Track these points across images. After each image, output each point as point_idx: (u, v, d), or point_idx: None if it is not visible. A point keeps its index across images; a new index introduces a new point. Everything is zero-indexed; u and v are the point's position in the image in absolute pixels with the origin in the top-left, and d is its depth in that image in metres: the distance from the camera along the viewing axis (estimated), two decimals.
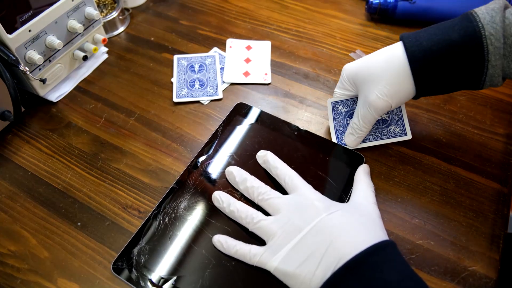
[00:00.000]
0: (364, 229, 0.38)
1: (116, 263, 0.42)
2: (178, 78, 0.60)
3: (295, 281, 0.37)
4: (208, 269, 0.41)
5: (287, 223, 0.40)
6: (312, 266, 0.36)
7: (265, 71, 0.61)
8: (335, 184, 0.47)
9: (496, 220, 0.44)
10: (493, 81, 0.41)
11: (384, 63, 0.44)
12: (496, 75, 0.41)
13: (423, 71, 0.42)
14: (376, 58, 0.45)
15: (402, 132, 0.50)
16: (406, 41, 0.43)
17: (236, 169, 0.47)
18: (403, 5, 0.64)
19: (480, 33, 0.39)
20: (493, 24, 0.39)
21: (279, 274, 0.38)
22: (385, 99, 0.44)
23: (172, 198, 0.46)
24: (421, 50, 0.41)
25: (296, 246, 0.38)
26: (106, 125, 0.55)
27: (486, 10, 0.40)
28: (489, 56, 0.40)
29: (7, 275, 0.43)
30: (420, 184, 0.48)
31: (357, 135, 0.48)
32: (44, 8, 0.51)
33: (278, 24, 0.68)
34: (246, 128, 0.53)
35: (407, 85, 0.43)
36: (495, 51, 0.39)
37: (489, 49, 0.39)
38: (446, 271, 0.41)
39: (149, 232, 0.43)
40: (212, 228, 0.44)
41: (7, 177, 0.50)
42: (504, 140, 0.51)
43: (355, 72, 0.46)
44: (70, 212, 0.47)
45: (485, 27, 0.39)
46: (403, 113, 0.50)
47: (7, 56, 0.49)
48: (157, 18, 0.70)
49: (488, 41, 0.39)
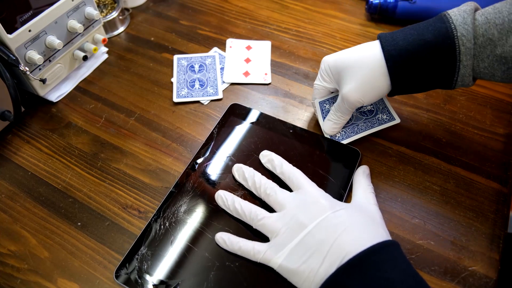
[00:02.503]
0: (367, 228, 0.38)
1: (119, 271, 0.41)
2: (178, 78, 0.60)
3: (298, 277, 0.37)
4: (212, 272, 0.41)
5: (292, 220, 0.40)
6: (316, 263, 0.36)
7: (265, 71, 0.61)
8: (334, 180, 0.47)
9: (496, 220, 0.44)
10: (464, 80, 0.43)
11: (361, 60, 0.45)
12: (467, 74, 0.42)
13: (399, 69, 0.43)
14: (353, 53, 0.46)
15: (390, 117, 0.51)
16: (383, 40, 0.44)
17: (244, 165, 0.48)
18: (403, 5, 0.64)
19: (453, 34, 0.41)
20: (465, 26, 0.40)
21: (283, 271, 0.39)
22: (357, 94, 0.45)
23: (171, 202, 0.46)
24: (396, 49, 0.43)
25: (301, 242, 0.38)
26: (106, 125, 0.55)
27: (458, 12, 0.42)
28: (460, 56, 0.41)
29: (7, 275, 0.43)
30: (420, 184, 0.48)
31: (333, 122, 0.50)
32: (44, 8, 0.51)
33: (278, 24, 0.68)
34: (242, 128, 0.52)
35: (381, 83, 0.44)
36: (466, 52, 0.41)
37: (461, 49, 0.41)
38: (446, 271, 0.41)
39: (150, 237, 0.43)
40: (213, 230, 0.44)
41: (7, 177, 0.50)
42: (504, 140, 0.51)
43: (333, 64, 0.47)
44: (70, 212, 0.47)
45: (457, 28, 0.40)
46: (385, 101, 0.52)
47: (7, 56, 0.49)
48: (157, 18, 0.70)
49: (460, 42, 0.40)
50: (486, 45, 0.40)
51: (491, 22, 0.40)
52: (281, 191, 0.43)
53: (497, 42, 0.40)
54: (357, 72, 0.45)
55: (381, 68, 0.44)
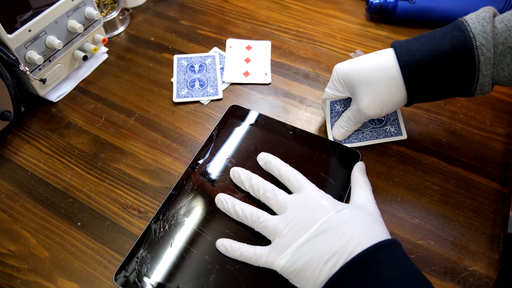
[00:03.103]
0: (369, 227, 0.38)
1: (118, 274, 0.41)
2: (178, 78, 0.60)
3: (301, 278, 0.37)
4: (213, 274, 0.40)
5: (294, 222, 0.40)
6: (320, 263, 0.36)
7: (265, 71, 0.61)
8: (333, 182, 0.47)
9: (496, 220, 0.44)
10: (483, 89, 0.42)
11: (377, 71, 0.44)
12: (487, 83, 0.41)
13: (416, 81, 0.42)
14: (368, 64, 0.45)
15: (398, 132, 0.51)
16: (398, 50, 0.43)
17: (241, 168, 0.47)
18: (403, 5, 0.64)
19: (472, 43, 0.39)
20: (484, 34, 0.39)
21: (286, 273, 0.38)
22: (375, 107, 0.45)
23: (171, 204, 0.46)
24: (413, 60, 0.41)
25: (304, 243, 0.38)
26: (106, 125, 0.55)
27: (476, 19, 0.40)
28: (480, 66, 0.40)
29: (7, 275, 0.43)
30: (420, 184, 0.48)
31: (345, 130, 0.49)
32: (44, 8, 0.51)
33: (278, 24, 0.68)
34: (241, 130, 0.52)
35: (399, 94, 0.44)
36: (486, 61, 0.39)
37: (480, 59, 0.39)
38: (446, 271, 0.41)
39: (149, 240, 0.43)
40: (213, 232, 0.43)
41: (7, 177, 0.50)
42: (504, 140, 0.51)
43: (347, 74, 0.46)
44: (70, 212, 0.47)
45: (476, 37, 0.39)
46: (398, 114, 0.51)
47: (7, 56, 0.49)
48: (157, 18, 0.70)
49: (480, 51, 0.39)
50: (506, 54, 0.39)
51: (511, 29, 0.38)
52: (280, 192, 0.43)
53: None
54: (374, 85, 0.44)
55: (398, 80, 0.43)
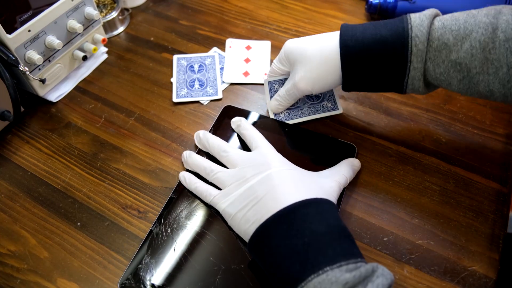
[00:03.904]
0: (306, 187, 0.41)
1: (123, 282, 0.41)
2: (178, 78, 0.60)
3: (236, 223, 0.41)
4: (218, 275, 0.40)
5: (240, 174, 0.43)
6: (250, 212, 0.40)
7: (265, 71, 0.61)
8: None
9: (496, 220, 0.44)
10: (415, 84, 0.43)
11: (318, 48, 0.46)
12: (417, 78, 0.43)
13: (350, 60, 0.44)
14: (314, 42, 0.47)
15: (334, 107, 0.54)
16: (342, 31, 0.45)
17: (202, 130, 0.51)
18: (403, 5, 0.64)
19: (408, 33, 0.41)
20: (421, 28, 0.41)
21: (225, 216, 0.43)
22: (306, 82, 0.47)
23: (172, 208, 0.46)
24: (352, 40, 0.44)
25: (243, 194, 0.41)
26: (105, 125, 0.55)
27: (419, 15, 0.43)
28: (411, 57, 0.42)
29: (6, 275, 0.43)
30: (420, 184, 0.48)
31: (279, 103, 0.52)
32: (43, 8, 0.51)
33: (278, 24, 0.68)
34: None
35: (333, 75, 0.46)
36: (418, 53, 0.41)
37: (412, 50, 0.41)
38: (446, 271, 0.41)
39: (153, 246, 0.43)
40: (215, 233, 0.43)
41: (7, 177, 0.50)
42: (504, 140, 0.51)
43: (291, 50, 0.48)
44: (70, 212, 0.47)
45: (413, 29, 0.41)
46: (333, 90, 0.54)
47: (6, 56, 0.49)
48: (157, 18, 0.70)
49: (413, 42, 0.41)
50: (441, 49, 0.41)
51: (447, 27, 0.41)
52: (235, 150, 0.46)
53: (452, 48, 0.40)
54: (312, 62, 0.46)
55: (335, 60, 0.45)
